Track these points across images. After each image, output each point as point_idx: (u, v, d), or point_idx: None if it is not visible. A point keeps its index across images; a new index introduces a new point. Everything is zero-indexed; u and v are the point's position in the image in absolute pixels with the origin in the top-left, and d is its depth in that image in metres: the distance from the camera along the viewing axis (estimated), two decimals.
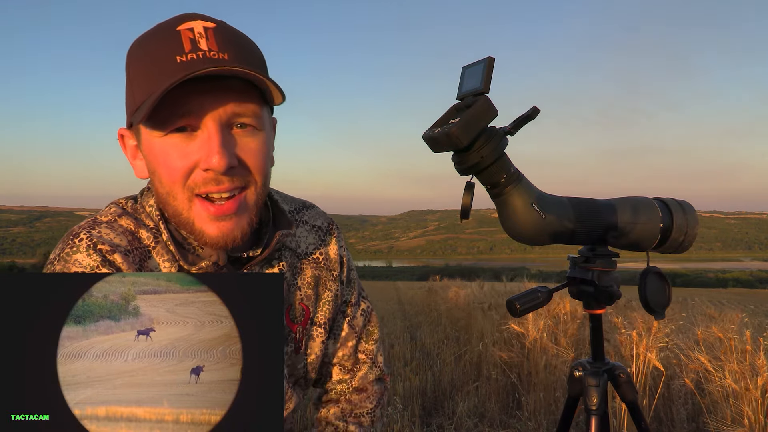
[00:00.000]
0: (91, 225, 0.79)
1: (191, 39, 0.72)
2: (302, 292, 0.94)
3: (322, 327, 0.97)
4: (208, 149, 0.73)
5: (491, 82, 0.89)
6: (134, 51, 0.75)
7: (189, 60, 0.70)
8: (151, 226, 0.81)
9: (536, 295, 1.07)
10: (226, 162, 0.72)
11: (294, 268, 0.94)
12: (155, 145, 0.75)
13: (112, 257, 0.75)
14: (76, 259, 0.75)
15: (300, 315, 0.94)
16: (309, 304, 0.95)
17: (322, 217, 1.01)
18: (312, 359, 0.97)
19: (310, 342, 0.96)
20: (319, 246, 0.98)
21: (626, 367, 1.56)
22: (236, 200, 0.76)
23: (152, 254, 0.80)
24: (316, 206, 1.02)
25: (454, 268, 37.90)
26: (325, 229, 1.00)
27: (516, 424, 3.30)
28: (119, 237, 0.78)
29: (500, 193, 0.96)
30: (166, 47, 0.72)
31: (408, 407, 3.47)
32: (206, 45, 0.72)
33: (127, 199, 0.85)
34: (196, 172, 0.74)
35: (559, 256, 17.98)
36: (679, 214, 1.10)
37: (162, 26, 0.75)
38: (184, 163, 0.74)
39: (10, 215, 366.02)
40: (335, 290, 0.99)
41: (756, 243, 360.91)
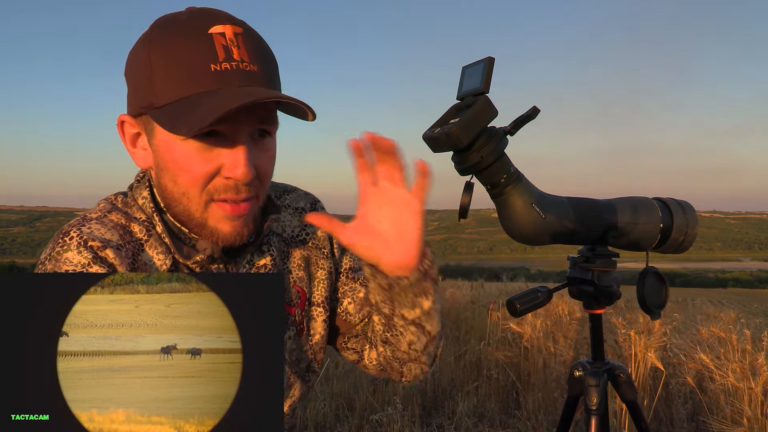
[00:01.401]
0: (81, 222, 0.78)
1: (224, 46, 0.72)
2: (294, 275, 0.95)
3: (321, 306, 0.97)
4: (235, 160, 0.73)
5: (491, 82, 0.89)
6: (158, 42, 0.74)
7: (223, 70, 0.71)
8: (143, 219, 0.81)
9: (536, 295, 1.07)
10: (252, 174, 0.74)
11: (282, 253, 0.94)
12: (176, 147, 0.74)
13: (104, 253, 0.75)
14: (67, 257, 0.74)
15: (296, 297, 0.94)
16: (303, 285, 0.95)
17: (303, 198, 1.01)
18: (317, 339, 0.97)
19: (312, 323, 0.96)
20: (306, 227, 0.98)
21: (625, 366, 1.56)
22: (249, 203, 0.78)
23: (145, 247, 0.80)
24: (297, 188, 1.02)
25: (454, 268, 37.95)
26: (309, 210, 1.00)
27: (516, 424, 3.31)
28: (110, 232, 0.78)
29: (500, 193, 0.96)
30: (199, 52, 0.71)
31: (408, 407, 3.47)
32: (238, 54, 0.72)
33: (117, 195, 0.85)
34: (217, 179, 0.75)
35: (559, 256, 17.95)
36: (679, 214, 1.10)
37: (191, 24, 0.73)
38: (207, 168, 0.74)
39: (10, 215, 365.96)
40: (328, 268, 0.99)
41: (756, 243, 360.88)
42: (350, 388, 3.82)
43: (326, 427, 3.32)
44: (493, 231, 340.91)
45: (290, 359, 0.94)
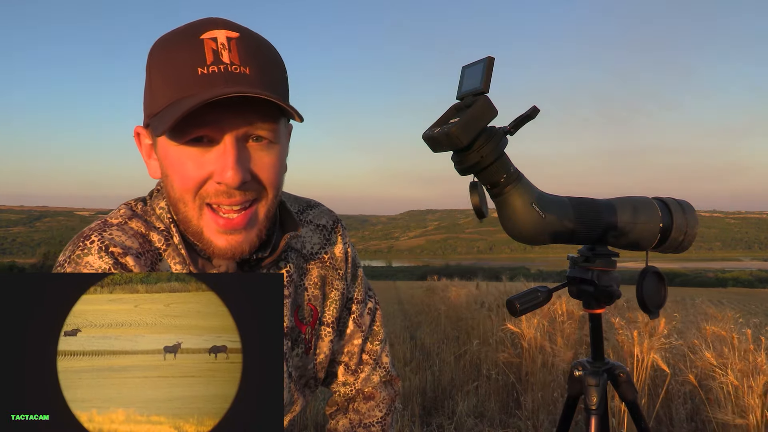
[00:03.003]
0: (102, 227, 0.78)
1: (214, 50, 0.71)
2: (310, 293, 0.94)
3: (330, 326, 0.97)
4: (223, 163, 0.73)
5: (491, 82, 0.89)
6: (156, 53, 0.75)
7: (210, 73, 0.70)
8: (161, 228, 0.81)
9: (536, 294, 1.07)
10: (240, 178, 0.72)
11: (300, 269, 0.93)
12: (171, 152, 0.75)
13: (124, 260, 0.75)
14: (87, 261, 0.74)
15: (309, 316, 0.94)
16: (317, 304, 0.95)
17: (327, 215, 1.00)
18: (321, 359, 0.97)
19: (319, 342, 0.96)
20: (325, 245, 0.97)
21: (626, 366, 1.56)
22: (247, 214, 0.76)
23: (163, 257, 0.80)
24: (321, 204, 1.01)
25: (453, 268, 37.92)
26: (330, 228, 0.99)
27: (516, 424, 3.31)
28: (130, 239, 0.78)
29: (500, 192, 0.96)
30: (188, 56, 0.71)
31: (408, 407, 3.47)
32: (228, 57, 0.71)
33: (137, 201, 0.85)
34: (209, 183, 0.75)
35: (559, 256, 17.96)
36: (679, 213, 1.10)
37: (186, 31, 0.74)
38: (199, 173, 0.74)
39: (10, 215, 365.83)
40: (342, 289, 0.99)
41: (756, 243, 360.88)
42: None
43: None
44: (493, 231, 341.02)
45: (294, 375, 0.93)
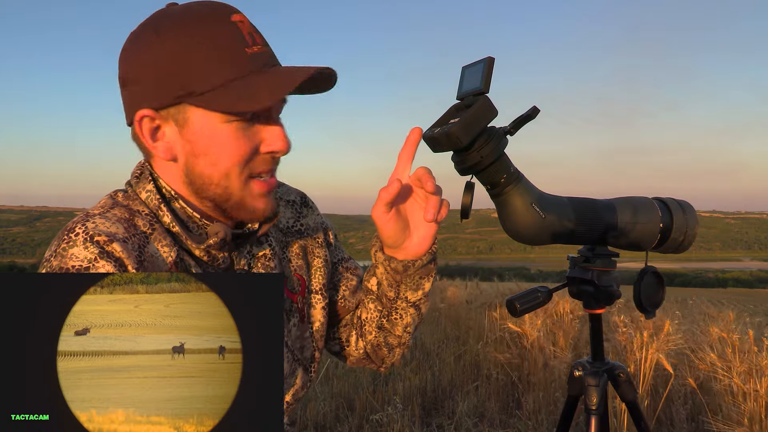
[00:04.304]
0: (85, 218, 0.78)
1: (249, 33, 0.79)
2: (294, 263, 0.98)
3: (320, 293, 1.00)
4: (274, 134, 0.81)
5: (491, 82, 0.89)
6: (188, 36, 0.76)
7: (256, 53, 0.78)
8: (145, 212, 0.82)
9: (536, 294, 1.07)
10: (290, 146, 0.82)
11: (281, 243, 0.98)
12: (219, 129, 0.78)
13: (110, 247, 0.75)
14: (73, 253, 0.74)
15: (297, 285, 0.97)
16: (302, 273, 0.99)
17: (293, 192, 1.05)
18: (317, 326, 0.99)
19: (312, 310, 0.99)
20: (298, 218, 1.02)
21: (628, 368, 1.56)
22: (275, 177, 0.86)
23: (150, 240, 0.80)
24: (285, 183, 1.06)
25: (453, 268, 37.96)
26: (299, 202, 1.04)
27: (516, 424, 3.31)
28: (114, 226, 0.77)
29: (500, 193, 0.96)
30: (231, 38, 0.77)
31: (408, 407, 3.48)
32: (259, 39, 0.80)
33: (116, 191, 0.86)
34: (257, 155, 0.81)
35: (559, 256, 18.01)
36: (679, 214, 1.10)
37: (213, 14, 0.78)
38: (250, 145, 0.80)
39: (10, 215, 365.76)
40: (323, 256, 1.02)
41: (756, 243, 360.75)
42: (350, 388, 3.82)
43: (326, 427, 3.32)
44: (493, 231, 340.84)
45: (294, 347, 0.95)
